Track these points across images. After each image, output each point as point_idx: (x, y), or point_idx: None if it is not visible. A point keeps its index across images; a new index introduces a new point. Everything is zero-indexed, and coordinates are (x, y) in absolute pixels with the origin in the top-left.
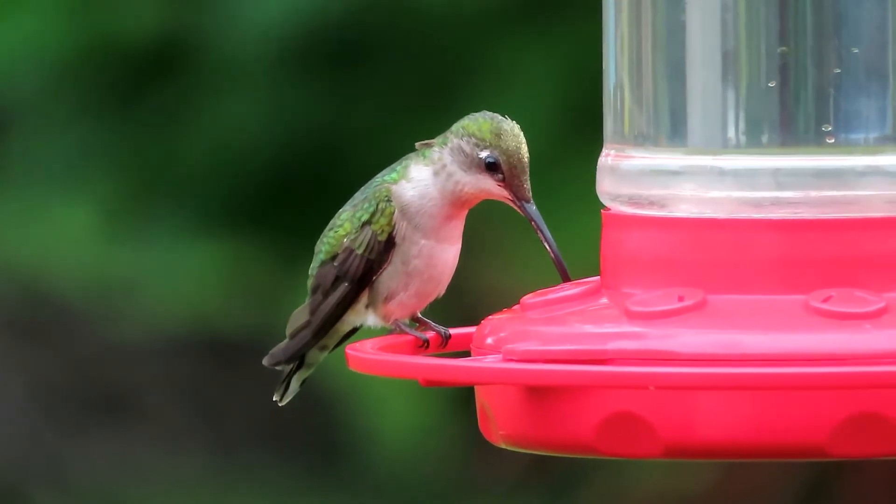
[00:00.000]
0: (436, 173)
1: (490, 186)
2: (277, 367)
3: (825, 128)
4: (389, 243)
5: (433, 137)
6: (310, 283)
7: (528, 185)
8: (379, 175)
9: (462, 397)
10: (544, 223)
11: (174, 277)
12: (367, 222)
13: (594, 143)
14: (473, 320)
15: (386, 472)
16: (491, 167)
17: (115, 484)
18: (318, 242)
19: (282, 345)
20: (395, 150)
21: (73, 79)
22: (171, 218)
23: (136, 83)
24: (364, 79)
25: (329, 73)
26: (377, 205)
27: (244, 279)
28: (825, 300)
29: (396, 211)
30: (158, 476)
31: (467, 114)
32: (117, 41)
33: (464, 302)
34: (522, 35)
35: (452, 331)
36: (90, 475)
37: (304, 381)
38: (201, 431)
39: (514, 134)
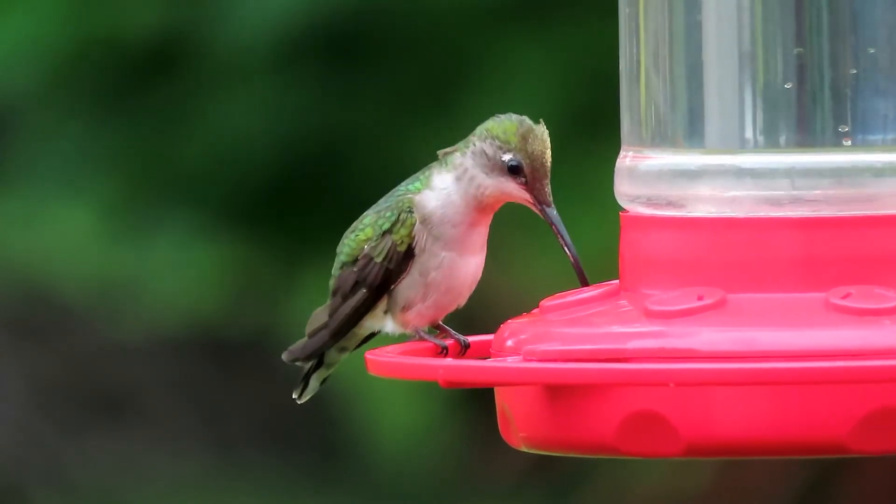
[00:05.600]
0: (458, 178)
1: (512, 189)
2: (296, 364)
3: (842, 129)
4: (408, 254)
5: (435, 137)
6: (331, 283)
7: (549, 188)
8: (403, 183)
9: (462, 398)
10: (564, 227)
11: (174, 277)
12: (388, 231)
13: (597, 142)
14: (490, 325)
15: (386, 472)
16: (513, 170)
17: (115, 484)
18: (340, 243)
19: (300, 342)
20: (396, 149)
21: (74, 77)
22: (171, 218)
23: (137, 82)
24: (366, 78)
25: (330, 72)
26: (399, 215)
27: (245, 279)
28: (844, 297)
29: (417, 222)
30: (158, 476)
31: (468, 112)
32: (117, 40)
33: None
34: (526, 33)
35: (471, 339)
36: (90, 475)
37: (324, 381)
38: (201, 431)
39: (541, 138)
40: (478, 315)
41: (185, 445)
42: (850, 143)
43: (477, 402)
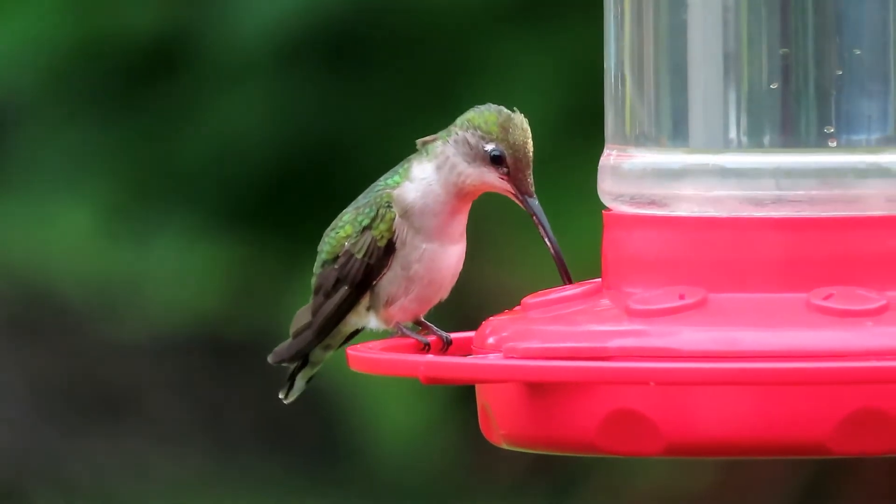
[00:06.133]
0: (438, 167)
1: (493, 180)
2: (282, 365)
3: (827, 129)
4: (389, 249)
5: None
6: (313, 281)
7: (531, 179)
8: (382, 178)
9: (461, 398)
10: (546, 219)
11: (174, 277)
12: (368, 227)
13: (594, 142)
14: (473, 321)
15: (385, 473)
16: (495, 160)
17: (115, 484)
18: (321, 241)
19: (285, 343)
20: (395, 149)
21: (74, 77)
22: (171, 218)
23: (137, 82)
24: (365, 78)
25: (330, 73)
26: (378, 210)
27: (244, 279)
28: (826, 298)
29: (397, 216)
30: (158, 476)
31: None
32: (117, 40)
33: (463, 303)
34: (523, 34)
35: (454, 335)
36: (90, 475)
37: (310, 380)
38: (201, 431)
39: (522, 128)
40: (467, 313)
41: (185, 445)
42: (834, 143)
43: (476, 401)
